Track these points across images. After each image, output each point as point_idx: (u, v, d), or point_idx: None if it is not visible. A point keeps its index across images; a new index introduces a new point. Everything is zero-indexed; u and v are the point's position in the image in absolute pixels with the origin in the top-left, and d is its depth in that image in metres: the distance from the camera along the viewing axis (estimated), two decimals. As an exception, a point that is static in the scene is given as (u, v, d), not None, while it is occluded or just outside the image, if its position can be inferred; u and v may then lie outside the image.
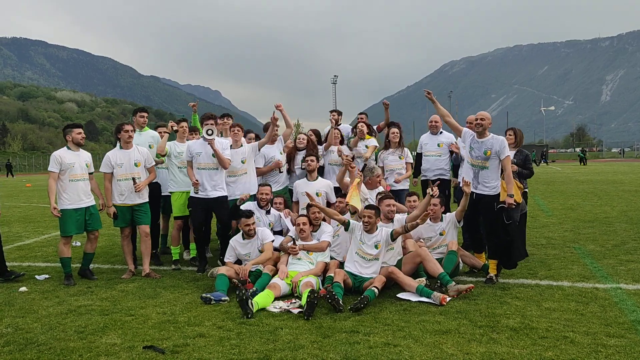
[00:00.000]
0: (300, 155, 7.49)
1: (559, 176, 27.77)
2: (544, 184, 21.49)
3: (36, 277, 6.56)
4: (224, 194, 6.70)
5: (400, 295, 5.28)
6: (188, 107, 8.29)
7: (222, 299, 5.27)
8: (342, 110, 8.56)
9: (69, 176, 6.28)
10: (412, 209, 6.59)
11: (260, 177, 7.33)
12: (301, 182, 7.09)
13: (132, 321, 4.72)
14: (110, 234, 9.87)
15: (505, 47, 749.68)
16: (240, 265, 6.00)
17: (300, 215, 6.30)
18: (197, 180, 6.51)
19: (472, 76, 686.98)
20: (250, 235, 6.06)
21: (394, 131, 7.76)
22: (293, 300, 5.20)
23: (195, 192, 6.58)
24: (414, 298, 5.17)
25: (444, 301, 4.97)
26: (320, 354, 3.86)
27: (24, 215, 14.38)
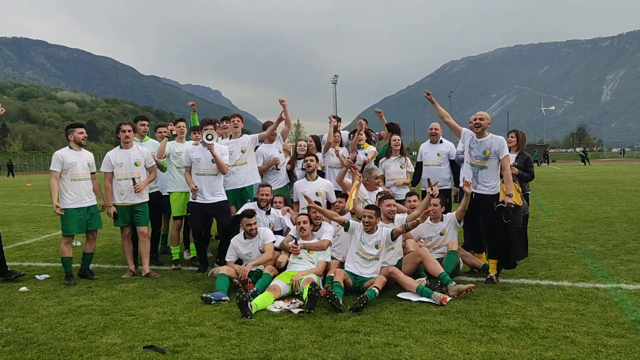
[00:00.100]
0: (300, 163, 7.55)
1: (560, 176, 27.75)
2: (545, 183, 21.47)
3: (36, 277, 6.57)
4: (224, 198, 6.70)
5: (400, 295, 5.28)
6: (188, 107, 8.28)
7: (222, 299, 5.27)
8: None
9: (71, 175, 6.31)
10: (412, 208, 6.59)
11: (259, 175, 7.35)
12: (301, 182, 7.10)
13: (132, 321, 4.72)
14: (110, 234, 9.87)
15: (506, 47, 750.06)
16: (241, 265, 6.00)
17: (301, 214, 6.31)
18: (195, 187, 6.52)
19: (473, 76, 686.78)
20: (251, 235, 6.06)
21: (396, 139, 7.80)
22: (293, 300, 5.19)
23: (193, 198, 6.59)
24: (415, 298, 5.17)
25: (445, 301, 4.97)
26: (320, 353, 3.86)
27: (25, 215, 14.39)
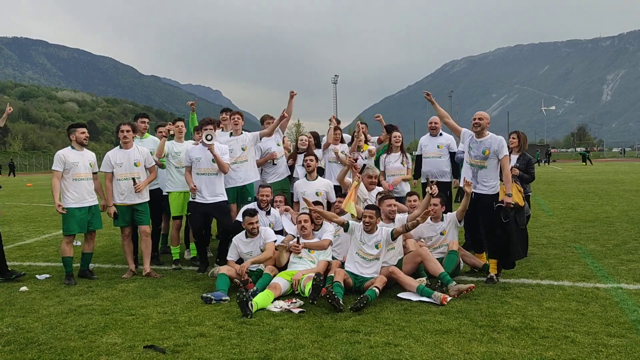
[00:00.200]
0: (301, 158, 7.54)
1: (560, 176, 27.74)
2: (545, 183, 21.46)
3: (37, 276, 6.57)
4: (224, 199, 6.70)
5: (400, 295, 5.28)
6: (189, 107, 8.29)
7: (222, 298, 5.27)
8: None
9: (72, 175, 6.32)
10: (412, 208, 6.60)
11: (258, 168, 7.37)
12: (301, 182, 7.11)
13: (132, 321, 4.72)
14: (110, 234, 9.87)
15: (506, 46, 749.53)
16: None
17: (302, 213, 6.31)
18: (195, 186, 6.52)
19: (473, 76, 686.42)
20: (253, 234, 6.06)
21: (396, 135, 7.84)
22: (294, 299, 5.19)
23: (193, 198, 6.60)
24: (415, 298, 5.17)
25: (445, 301, 4.97)
26: (320, 353, 3.86)
27: (25, 214, 14.38)
